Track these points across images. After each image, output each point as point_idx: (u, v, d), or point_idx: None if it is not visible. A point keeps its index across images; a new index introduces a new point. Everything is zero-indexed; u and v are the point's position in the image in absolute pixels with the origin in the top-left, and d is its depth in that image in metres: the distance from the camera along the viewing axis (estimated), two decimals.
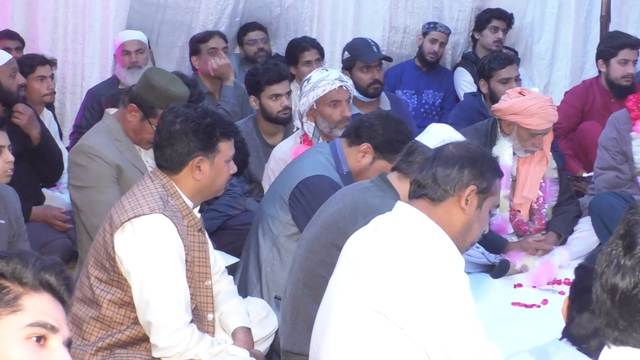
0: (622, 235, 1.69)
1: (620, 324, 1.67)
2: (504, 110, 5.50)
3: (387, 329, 2.91)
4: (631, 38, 7.11)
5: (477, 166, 3.10)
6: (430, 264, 2.93)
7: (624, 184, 5.72)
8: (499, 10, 8.26)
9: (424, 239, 3.02)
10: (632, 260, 1.65)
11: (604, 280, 1.69)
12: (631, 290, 1.64)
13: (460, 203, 3.07)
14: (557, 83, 8.54)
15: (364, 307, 2.96)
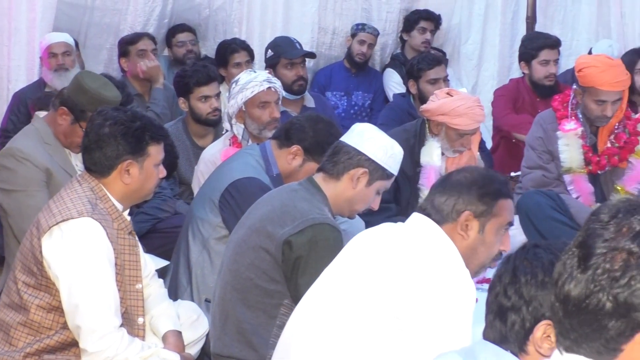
0: (580, 244, 1.66)
1: (572, 334, 1.66)
2: (433, 110, 5.53)
3: (391, 327, 2.91)
4: (550, 38, 7.21)
5: (474, 190, 3.12)
6: (441, 268, 2.96)
7: (551, 182, 5.78)
8: (427, 11, 8.31)
9: (437, 246, 3.05)
10: (586, 270, 1.62)
11: (558, 290, 1.67)
12: (583, 301, 1.62)
13: (457, 229, 3.10)
14: (485, 83, 8.62)
15: (373, 308, 2.95)
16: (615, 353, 1.63)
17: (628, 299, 1.59)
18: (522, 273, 2.41)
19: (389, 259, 3.02)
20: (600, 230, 1.64)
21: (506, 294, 2.42)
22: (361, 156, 3.81)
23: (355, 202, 3.89)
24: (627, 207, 1.66)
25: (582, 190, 5.71)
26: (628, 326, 1.60)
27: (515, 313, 2.39)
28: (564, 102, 5.83)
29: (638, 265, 1.59)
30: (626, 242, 1.61)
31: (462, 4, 8.61)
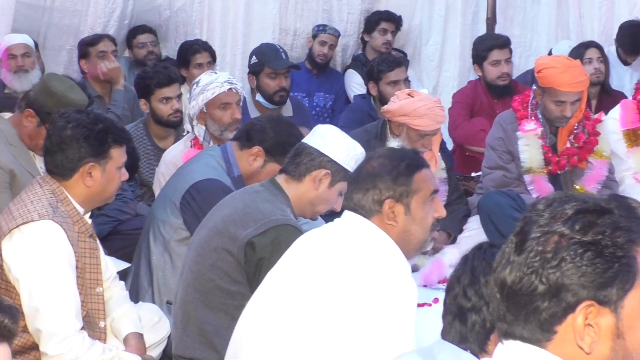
0: (517, 233, 1.71)
1: (508, 317, 1.70)
2: (394, 111, 5.55)
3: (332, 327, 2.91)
4: (499, 38, 7.25)
5: (386, 176, 3.11)
6: (380, 268, 2.96)
7: (511, 182, 5.81)
8: (388, 12, 8.33)
9: (372, 245, 3.04)
10: (521, 254, 1.67)
11: (496, 275, 1.72)
12: (517, 284, 1.67)
13: (385, 219, 3.09)
14: (446, 84, 8.66)
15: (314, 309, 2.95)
16: (549, 335, 1.67)
17: (559, 280, 1.64)
18: (480, 273, 2.43)
19: (329, 261, 3.02)
20: (536, 217, 1.70)
21: (466, 295, 2.43)
22: (323, 157, 3.81)
23: (318, 203, 3.90)
24: (561, 197, 1.72)
25: (542, 190, 5.74)
26: (560, 307, 1.65)
27: (475, 313, 2.41)
28: (523, 103, 5.87)
29: (569, 246, 1.64)
30: (558, 225, 1.66)
31: (423, 5, 8.64)
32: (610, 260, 1.64)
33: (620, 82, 8.14)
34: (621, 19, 8.54)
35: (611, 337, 1.66)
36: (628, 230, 1.66)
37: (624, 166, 6.09)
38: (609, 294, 1.64)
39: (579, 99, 5.69)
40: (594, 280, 1.63)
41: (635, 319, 1.67)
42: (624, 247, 1.65)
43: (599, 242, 1.64)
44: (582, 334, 1.65)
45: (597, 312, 1.64)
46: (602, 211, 1.67)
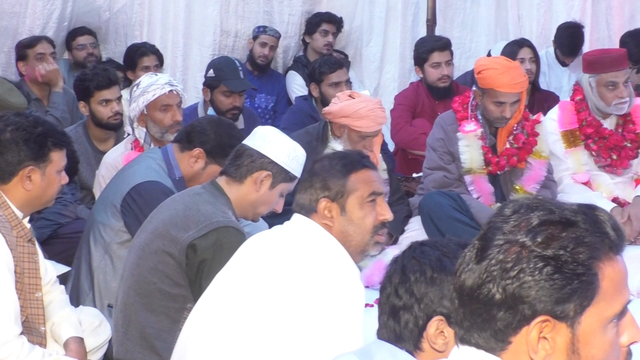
0: (481, 237, 1.69)
1: (464, 323, 1.69)
2: (335, 113, 5.57)
3: (280, 329, 2.91)
4: (440, 41, 7.29)
5: (322, 176, 3.11)
6: (328, 269, 2.96)
7: (452, 183, 5.85)
8: (329, 14, 8.36)
9: (320, 247, 3.05)
10: (481, 262, 1.66)
11: (456, 280, 1.71)
12: (475, 290, 1.66)
13: (321, 219, 3.10)
14: (387, 85, 8.69)
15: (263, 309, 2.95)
16: (504, 345, 1.66)
17: (516, 291, 1.62)
18: (411, 271, 2.45)
19: (277, 264, 3.02)
20: (501, 223, 1.68)
21: (397, 293, 2.45)
22: (264, 159, 3.81)
23: (259, 205, 3.89)
24: (529, 203, 1.69)
25: (483, 191, 5.79)
26: (515, 318, 1.64)
27: (407, 312, 2.43)
28: (463, 104, 5.91)
29: (529, 259, 1.63)
30: (522, 235, 1.64)
31: (364, 7, 8.67)
32: (569, 277, 1.62)
33: (559, 83, 8.24)
34: (559, 20, 8.65)
35: (566, 352, 1.65)
36: (591, 246, 1.64)
37: (563, 166, 6.16)
38: (566, 309, 1.62)
39: (518, 100, 5.74)
40: (551, 295, 1.61)
41: (591, 336, 1.65)
42: (585, 264, 1.62)
43: (559, 258, 1.62)
44: (535, 347, 1.64)
45: (553, 326, 1.63)
46: (567, 224, 1.65)
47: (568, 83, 8.07)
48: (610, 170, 6.18)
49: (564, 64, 8.46)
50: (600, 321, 1.65)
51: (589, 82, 6.10)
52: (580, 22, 8.56)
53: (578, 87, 6.22)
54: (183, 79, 7.96)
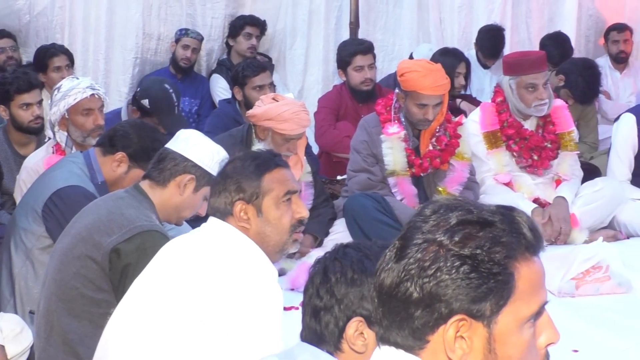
0: (401, 237, 1.70)
1: (384, 322, 1.70)
2: (259, 116, 5.56)
3: (199, 333, 2.89)
4: (363, 44, 7.32)
5: (235, 178, 3.10)
6: (244, 272, 2.95)
7: (376, 185, 5.88)
8: (252, 17, 8.35)
9: (236, 249, 3.03)
10: (400, 261, 1.67)
11: (376, 279, 1.71)
12: (393, 289, 1.67)
13: (239, 222, 3.09)
14: (311, 88, 8.70)
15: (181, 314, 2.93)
16: (422, 344, 1.67)
17: (433, 290, 1.64)
18: (332, 272, 2.46)
19: (194, 267, 3.01)
20: (421, 223, 1.70)
21: (318, 294, 2.46)
22: (187, 162, 3.80)
23: (183, 208, 3.87)
24: (449, 204, 1.71)
25: (406, 192, 5.83)
26: (432, 317, 1.65)
27: (328, 313, 2.43)
28: (387, 106, 5.94)
29: (446, 258, 1.64)
30: (440, 235, 1.66)
31: (287, 10, 8.67)
32: (485, 276, 1.63)
33: (481, 85, 8.33)
34: (480, 23, 8.76)
35: (483, 351, 1.65)
36: (507, 246, 1.65)
37: (484, 168, 6.23)
38: (482, 308, 1.63)
39: (441, 102, 5.79)
40: (467, 294, 1.62)
41: (508, 336, 1.66)
42: (501, 264, 1.64)
43: (476, 257, 1.63)
44: (452, 346, 1.65)
45: (470, 325, 1.64)
46: (484, 224, 1.66)
47: (490, 85, 8.17)
48: (531, 170, 6.27)
49: (486, 66, 8.57)
50: (517, 321, 1.66)
51: (509, 84, 6.18)
52: (501, 25, 8.67)
53: (499, 89, 6.31)
54: (105, 83, 7.88)
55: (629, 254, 5.60)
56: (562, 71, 7.64)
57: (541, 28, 9.03)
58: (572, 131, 6.36)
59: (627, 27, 9.06)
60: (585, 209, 6.12)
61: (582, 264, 5.19)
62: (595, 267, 5.21)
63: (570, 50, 8.55)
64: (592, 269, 5.20)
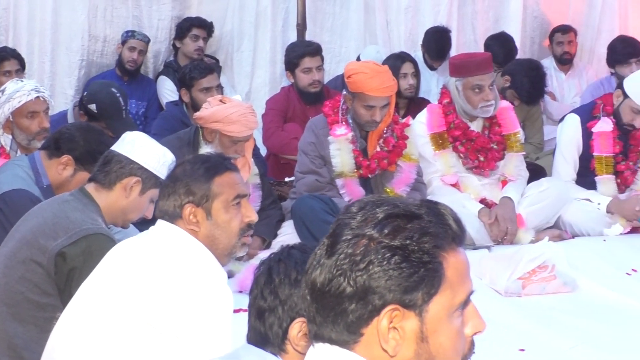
0: (330, 235, 1.73)
1: (317, 319, 1.71)
2: (206, 118, 5.54)
3: (147, 336, 2.87)
4: (311, 46, 7.32)
5: (185, 180, 3.09)
6: (193, 275, 2.94)
7: (324, 187, 5.89)
8: (199, 18, 8.31)
9: (185, 252, 3.01)
10: (331, 258, 1.69)
11: (307, 277, 1.73)
12: (326, 285, 1.68)
13: (188, 225, 3.07)
14: (258, 90, 8.69)
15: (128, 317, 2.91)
16: (357, 338, 1.70)
17: (366, 283, 1.66)
18: (276, 273, 2.47)
19: (142, 270, 3.00)
20: (349, 220, 1.72)
21: (263, 295, 2.46)
22: (133, 165, 3.78)
23: (129, 211, 3.86)
24: (375, 200, 1.74)
25: (354, 194, 5.84)
26: (366, 309, 1.67)
27: (272, 314, 2.44)
28: (334, 108, 5.95)
29: (377, 250, 1.67)
30: (369, 229, 1.69)
31: (234, 12, 8.65)
32: (416, 265, 1.66)
33: (428, 87, 8.37)
34: (426, 24, 8.80)
35: (415, 340, 1.69)
36: (435, 236, 1.69)
37: (432, 169, 6.27)
38: (414, 298, 1.67)
39: (388, 104, 5.82)
40: (400, 284, 1.66)
41: (439, 323, 1.70)
42: (431, 253, 1.68)
43: (406, 247, 1.66)
44: (386, 337, 1.67)
45: (402, 315, 1.67)
46: (411, 216, 1.70)
47: (437, 87, 8.19)
48: (477, 171, 6.31)
49: (433, 68, 8.61)
50: (447, 309, 1.71)
51: (455, 85, 6.23)
52: (447, 27, 8.73)
53: (445, 91, 6.35)
54: (51, 85, 7.82)
55: (574, 254, 5.67)
56: (507, 72, 7.71)
57: (487, 30, 9.09)
58: (518, 132, 6.42)
59: (571, 28, 9.16)
60: (531, 209, 6.17)
61: (528, 263, 5.23)
62: (541, 266, 5.26)
63: (514, 50, 8.63)
64: (538, 268, 5.25)
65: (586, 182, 6.47)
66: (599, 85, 8.19)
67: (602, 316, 4.94)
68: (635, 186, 6.46)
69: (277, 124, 7.16)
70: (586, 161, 6.47)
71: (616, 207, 6.29)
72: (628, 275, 5.58)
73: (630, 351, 4.44)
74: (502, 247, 5.86)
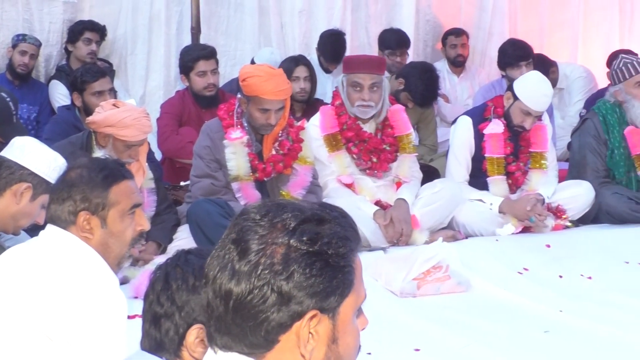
0: (235, 240, 1.71)
1: (233, 329, 1.70)
2: (99, 122, 5.48)
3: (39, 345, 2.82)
4: (205, 49, 7.30)
5: (82, 187, 3.03)
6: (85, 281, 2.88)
7: (220, 190, 5.87)
8: (92, 22, 8.21)
9: (76, 258, 2.96)
10: (247, 266, 1.67)
11: (218, 286, 1.70)
12: (246, 296, 1.67)
13: (81, 232, 3.02)
14: (153, 94, 8.63)
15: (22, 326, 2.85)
16: (272, 345, 1.70)
17: (291, 291, 1.67)
18: (173, 279, 2.45)
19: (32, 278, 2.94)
20: (255, 227, 1.71)
21: (159, 301, 2.44)
22: (23, 170, 3.72)
23: (20, 217, 3.79)
24: (276, 206, 1.74)
25: (250, 197, 5.84)
26: (288, 316, 1.68)
27: (168, 320, 2.42)
28: (229, 111, 5.94)
29: (298, 257, 1.68)
30: (284, 237, 1.69)
31: (127, 15, 8.57)
32: (336, 270, 1.69)
33: (323, 89, 8.41)
34: (320, 28, 8.85)
35: (327, 343, 1.71)
36: (348, 240, 1.72)
37: (327, 171, 6.30)
38: (331, 302, 1.70)
39: (283, 107, 5.83)
40: (322, 290, 1.68)
41: (347, 324, 1.73)
42: (346, 256, 1.71)
43: (325, 252, 1.68)
44: (306, 342, 1.69)
45: (319, 320, 1.69)
46: (323, 221, 1.72)
47: (332, 89, 8.22)
48: (371, 173, 6.36)
49: (328, 71, 8.66)
50: (353, 310, 1.75)
51: (342, 81, 6.31)
52: (341, 30, 8.79)
53: (337, 92, 6.40)
54: None
55: (467, 254, 5.75)
56: (401, 75, 7.79)
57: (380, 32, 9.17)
58: (410, 134, 6.50)
59: (464, 31, 9.31)
60: (425, 210, 6.24)
61: (423, 264, 5.29)
62: (436, 267, 5.32)
63: (406, 38, 8.78)
64: (432, 269, 5.31)
65: (478, 183, 6.58)
66: (490, 88, 8.32)
67: (494, 315, 5.02)
68: (526, 186, 6.59)
69: (172, 128, 7.12)
70: (478, 162, 6.58)
71: (508, 208, 6.40)
72: (520, 275, 5.69)
73: (521, 349, 4.52)
74: (397, 249, 5.92)
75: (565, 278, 5.67)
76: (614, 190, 6.68)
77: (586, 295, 5.36)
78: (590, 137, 6.79)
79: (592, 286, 5.55)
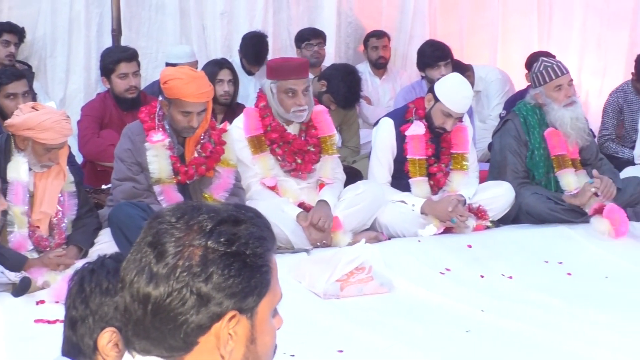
0: (152, 243, 1.69)
1: (152, 333, 1.69)
2: (18, 125, 5.41)
3: None
4: (126, 51, 7.22)
5: None
6: None
7: (141, 194, 5.82)
8: (10, 24, 8.11)
9: None
10: (165, 268, 1.66)
11: (135, 290, 1.68)
12: (165, 299, 1.66)
13: None
14: (73, 97, 8.54)
15: None
16: (191, 347, 1.70)
17: (210, 292, 1.67)
18: (87, 283, 2.44)
19: None
20: (171, 229, 1.70)
21: (75, 305, 2.43)
22: None
23: None
24: (191, 208, 1.74)
25: (172, 200, 5.80)
26: (208, 318, 1.68)
27: (83, 324, 2.41)
28: (150, 114, 5.90)
29: (216, 259, 1.67)
30: (201, 239, 1.68)
31: (46, 17, 8.48)
32: (254, 270, 1.69)
33: (246, 92, 8.41)
34: (242, 30, 8.85)
35: (245, 343, 1.71)
36: (264, 239, 1.72)
37: (250, 173, 6.29)
38: (250, 302, 1.70)
39: (205, 110, 5.80)
40: (240, 290, 1.68)
41: (264, 324, 1.74)
42: (263, 257, 1.71)
43: (243, 253, 1.68)
44: (226, 343, 1.69)
45: (237, 320, 1.70)
46: (239, 222, 1.72)
47: (254, 92, 8.23)
48: (295, 174, 6.37)
49: (250, 73, 8.66)
50: (269, 309, 1.76)
51: (270, 87, 6.29)
52: (263, 32, 8.78)
53: (262, 94, 6.40)
54: None
55: (390, 255, 5.78)
56: (323, 77, 7.81)
57: None
58: (333, 135, 6.52)
59: (385, 33, 9.37)
60: (348, 211, 6.26)
61: (345, 265, 5.31)
62: (359, 268, 5.34)
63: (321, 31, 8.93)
64: (355, 270, 5.33)
65: (401, 185, 6.62)
66: (411, 89, 8.38)
67: (417, 315, 5.06)
68: (448, 188, 6.65)
69: (93, 131, 7.05)
70: (400, 164, 6.62)
71: (430, 209, 6.45)
72: (442, 275, 5.73)
73: (444, 349, 4.56)
74: (320, 250, 5.93)
75: (486, 278, 5.73)
76: (533, 191, 6.76)
77: (507, 294, 5.42)
78: (511, 138, 6.86)
79: (513, 286, 5.61)
